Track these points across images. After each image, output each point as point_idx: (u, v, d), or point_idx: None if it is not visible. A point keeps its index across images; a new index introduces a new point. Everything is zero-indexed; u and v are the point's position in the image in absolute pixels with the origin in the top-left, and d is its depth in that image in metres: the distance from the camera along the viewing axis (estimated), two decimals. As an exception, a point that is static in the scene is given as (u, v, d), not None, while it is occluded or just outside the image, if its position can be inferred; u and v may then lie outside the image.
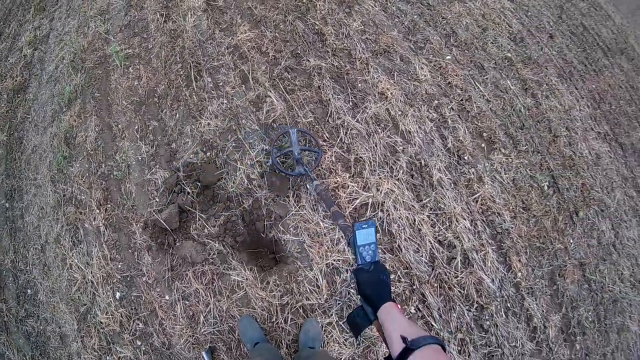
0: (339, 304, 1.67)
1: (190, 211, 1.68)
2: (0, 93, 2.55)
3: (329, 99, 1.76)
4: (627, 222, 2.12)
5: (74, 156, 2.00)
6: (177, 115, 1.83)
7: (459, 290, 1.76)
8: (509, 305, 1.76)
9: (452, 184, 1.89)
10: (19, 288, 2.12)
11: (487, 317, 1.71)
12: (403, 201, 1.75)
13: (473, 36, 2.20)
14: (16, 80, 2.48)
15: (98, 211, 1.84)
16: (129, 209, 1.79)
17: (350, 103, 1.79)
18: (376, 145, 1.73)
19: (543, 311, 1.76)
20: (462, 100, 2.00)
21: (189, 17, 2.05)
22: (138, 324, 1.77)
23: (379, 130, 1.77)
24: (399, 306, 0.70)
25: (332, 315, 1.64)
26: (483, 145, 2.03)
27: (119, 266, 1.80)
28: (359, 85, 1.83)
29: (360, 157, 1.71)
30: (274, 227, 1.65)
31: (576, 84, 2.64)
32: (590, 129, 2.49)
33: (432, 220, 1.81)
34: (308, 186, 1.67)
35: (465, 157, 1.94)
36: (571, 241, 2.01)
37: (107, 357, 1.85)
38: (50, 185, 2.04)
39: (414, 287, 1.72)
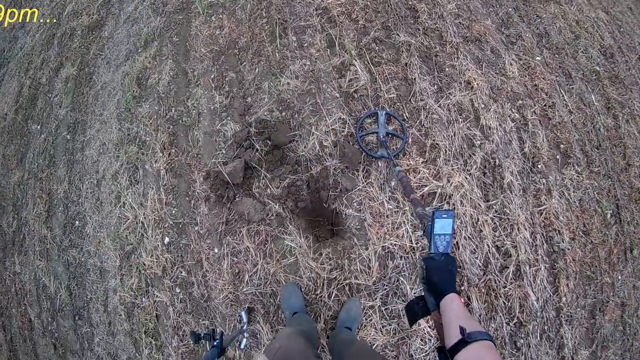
0: (385, 289, 1.62)
1: (256, 168, 1.65)
2: (75, 29, 2.60)
3: (415, 79, 1.69)
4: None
5: (144, 97, 2.01)
6: (257, 69, 1.80)
7: (503, 301, 1.70)
8: (546, 328, 1.69)
9: (521, 191, 1.81)
10: (67, 218, 2.17)
11: (522, 335, 1.64)
12: (471, 198, 1.68)
13: (565, 41, 2.08)
14: (92, 18, 2.51)
15: (161, 154, 1.84)
16: (193, 157, 1.79)
17: (436, 86, 1.71)
18: (454, 135, 1.66)
19: (575, 343, 1.69)
20: (545, 105, 1.90)
21: (280, -26, 2.00)
22: (181, 272, 1.78)
23: (460, 120, 1.69)
24: (462, 299, 0.69)
25: (376, 299, 1.61)
26: (558, 157, 1.93)
27: (173, 212, 1.80)
28: (447, 69, 1.76)
29: (437, 143, 1.64)
30: (337, 198, 1.61)
31: (657, 114, 2.48)
32: (663, 165, 2.34)
33: (494, 223, 1.73)
34: (390, 171, 1.61)
35: (539, 166, 1.85)
36: (619, 278, 1.92)
37: (143, 299, 1.87)
38: (115, 122, 2.06)
39: (462, 288, 1.66)
